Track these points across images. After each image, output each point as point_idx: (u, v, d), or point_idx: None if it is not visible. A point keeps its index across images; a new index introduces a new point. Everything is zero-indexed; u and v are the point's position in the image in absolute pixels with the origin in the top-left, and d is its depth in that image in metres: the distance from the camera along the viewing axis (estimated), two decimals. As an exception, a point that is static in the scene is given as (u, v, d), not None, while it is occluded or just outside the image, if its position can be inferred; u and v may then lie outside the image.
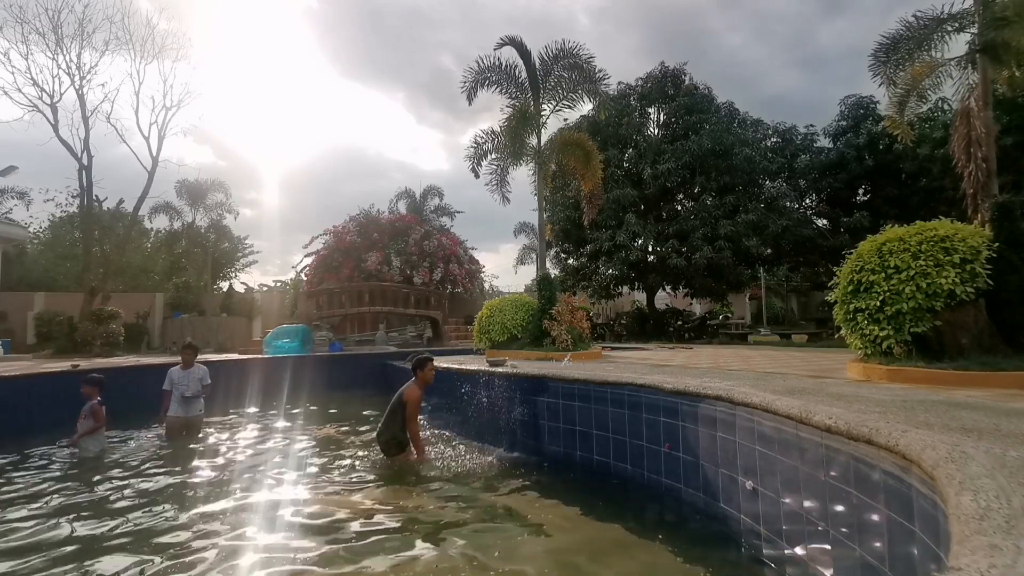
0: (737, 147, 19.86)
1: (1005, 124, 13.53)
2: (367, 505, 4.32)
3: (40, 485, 4.97)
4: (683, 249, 19.52)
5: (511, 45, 11.00)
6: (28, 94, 16.74)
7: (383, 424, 5.61)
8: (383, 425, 5.61)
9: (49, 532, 3.80)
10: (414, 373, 5.77)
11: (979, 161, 8.38)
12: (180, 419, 6.78)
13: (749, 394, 3.42)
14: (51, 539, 3.67)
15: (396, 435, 5.52)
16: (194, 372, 6.95)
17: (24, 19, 16.75)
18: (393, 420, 5.55)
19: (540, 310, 9.15)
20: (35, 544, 3.58)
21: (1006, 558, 1.08)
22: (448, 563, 3.21)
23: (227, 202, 29.14)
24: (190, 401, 6.82)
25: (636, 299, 27.87)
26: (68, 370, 8.59)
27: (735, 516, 3.47)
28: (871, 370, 4.80)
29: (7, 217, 22.55)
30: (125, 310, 18.44)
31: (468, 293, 23.77)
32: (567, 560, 3.25)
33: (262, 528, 3.87)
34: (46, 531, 3.82)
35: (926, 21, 9.59)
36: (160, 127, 18.91)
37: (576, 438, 5.30)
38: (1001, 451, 1.86)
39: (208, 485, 5.00)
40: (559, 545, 3.51)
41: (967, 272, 4.50)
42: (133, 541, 3.64)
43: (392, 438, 5.52)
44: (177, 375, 6.88)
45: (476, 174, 12.13)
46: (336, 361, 14.19)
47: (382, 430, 5.59)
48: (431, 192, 31.08)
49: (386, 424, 5.58)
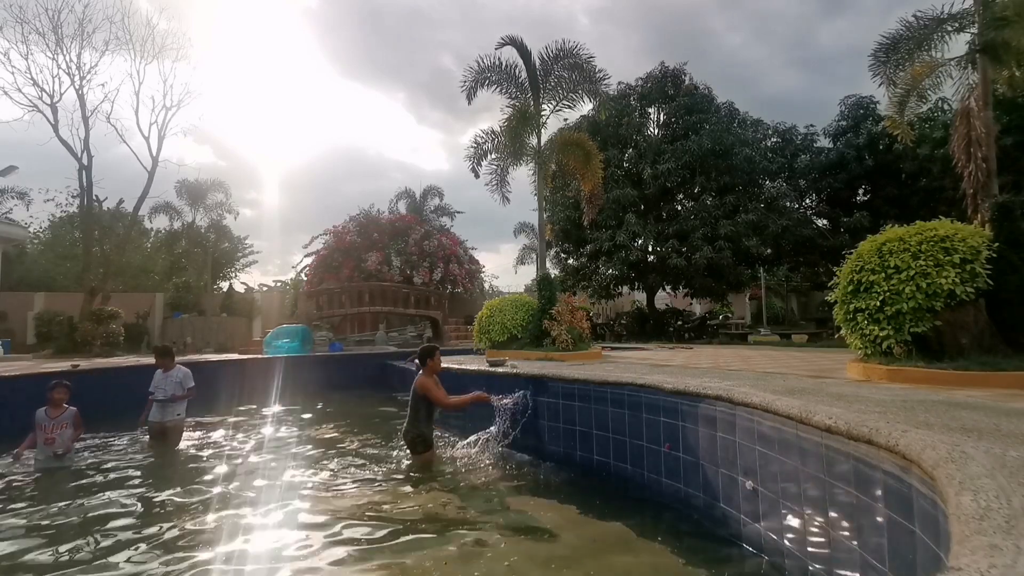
0: (737, 147, 19.86)
1: (1005, 124, 13.52)
2: (365, 505, 4.32)
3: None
4: (683, 249, 19.51)
5: (511, 45, 11.00)
6: (28, 94, 16.74)
7: (407, 423, 5.54)
8: (407, 424, 5.53)
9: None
10: (422, 364, 5.73)
11: (979, 161, 8.38)
12: (156, 424, 6.40)
13: (749, 394, 3.42)
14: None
15: (421, 432, 5.45)
16: (173, 375, 6.53)
17: (24, 19, 16.74)
18: (415, 417, 5.49)
19: (540, 310, 9.15)
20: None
21: (1006, 558, 1.08)
22: (446, 563, 3.21)
23: (227, 202, 29.12)
24: (165, 406, 6.40)
25: (636, 299, 27.87)
26: (68, 370, 8.60)
27: (735, 516, 3.47)
28: (871, 370, 4.80)
29: (7, 217, 22.54)
30: (125, 310, 18.44)
31: (468, 293, 23.77)
32: (566, 560, 3.25)
33: (262, 529, 3.87)
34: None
35: (926, 21, 9.59)
36: (160, 127, 18.91)
37: (576, 438, 5.30)
38: (1001, 451, 1.86)
39: (194, 492, 4.98)
40: (558, 545, 3.50)
41: (967, 272, 4.50)
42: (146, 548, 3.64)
43: (417, 435, 5.45)
44: (158, 378, 6.53)
45: (476, 174, 12.14)
46: (336, 361, 14.19)
47: (407, 428, 5.51)
48: (431, 192, 31.09)
49: (410, 422, 5.51)
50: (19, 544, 3.64)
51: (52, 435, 5.42)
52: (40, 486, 5.05)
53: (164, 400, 6.36)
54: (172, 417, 6.46)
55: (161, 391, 6.38)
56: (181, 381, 6.53)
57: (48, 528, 3.93)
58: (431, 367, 5.70)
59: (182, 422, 6.67)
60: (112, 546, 3.56)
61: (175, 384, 6.47)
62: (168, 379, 6.46)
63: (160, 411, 6.40)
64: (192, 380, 6.64)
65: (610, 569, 3.13)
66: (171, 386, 6.44)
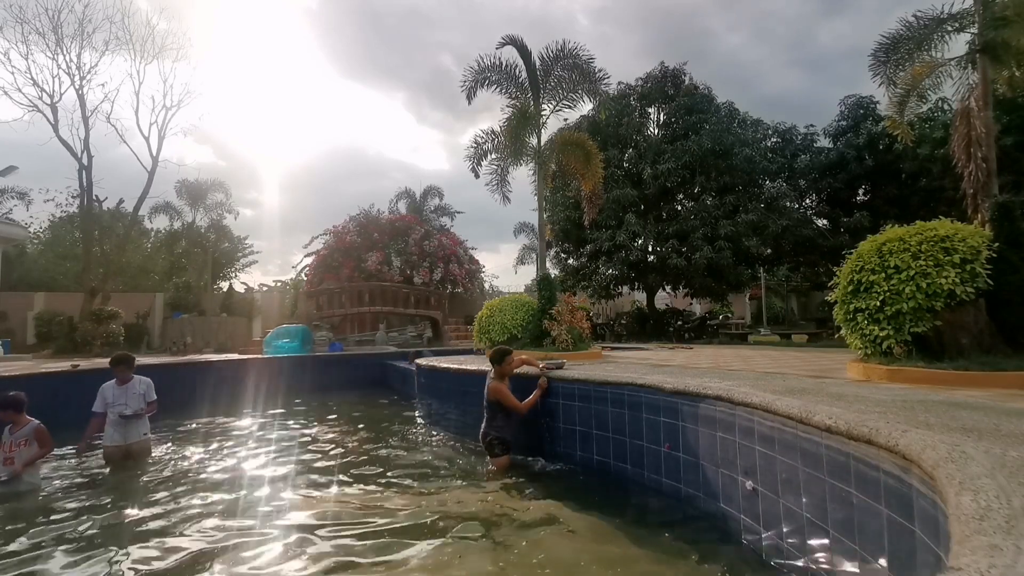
0: (737, 147, 19.87)
1: (1005, 124, 13.52)
2: (364, 505, 4.32)
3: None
4: (683, 249, 19.51)
5: (512, 45, 10.98)
6: (28, 94, 16.81)
7: (485, 424, 5.46)
8: (485, 425, 5.45)
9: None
10: (495, 366, 5.57)
11: (979, 161, 8.38)
12: (119, 448, 5.43)
13: (749, 394, 3.42)
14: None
15: (499, 434, 5.38)
16: (134, 387, 5.58)
17: (24, 19, 16.82)
18: (493, 419, 5.41)
19: (540, 310, 9.14)
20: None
21: (1006, 558, 1.08)
22: (445, 564, 3.21)
23: (227, 202, 29.16)
24: (129, 423, 5.46)
25: (636, 299, 27.86)
26: (68, 370, 8.60)
27: (735, 516, 3.47)
28: (871, 370, 4.80)
29: (7, 217, 22.55)
30: (125, 310, 18.46)
31: (468, 293, 23.79)
32: (566, 560, 3.25)
33: (260, 531, 3.87)
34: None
35: (926, 21, 9.59)
36: (160, 127, 18.97)
37: (576, 438, 5.30)
38: (1001, 451, 1.86)
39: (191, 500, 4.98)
40: (557, 545, 3.50)
41: (967, 272, 4.49)
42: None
43: (496, 438, 5.37)
44: (111, 392, 5.51)
45: (476, 174, 12.12)
46: (336, 361, 14.19)
47: (485, 430, 5.44)
48: (431, 192, 31.14)
49: (488, 423, 5.44)
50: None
51: (11, 453, 4.72)
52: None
53: (130, 416, 5.45)
54: (138, 437, 5.56)
55: (123, 406, 5.44)
56: (145, 393, 5.61)
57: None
58: (500, 371, 5.52)
59: (149, 442, 5.79)
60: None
61: (138, 397, 5.55)
62: (129, 392, 5.53)
63: (123, 431, 5.45)
64: (154, 392, 5.71)
65: (608, 569, 3.13)
66: (135, 399, 5.51)
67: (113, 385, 5.55)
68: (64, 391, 7.63)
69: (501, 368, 5.54)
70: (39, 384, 8.04)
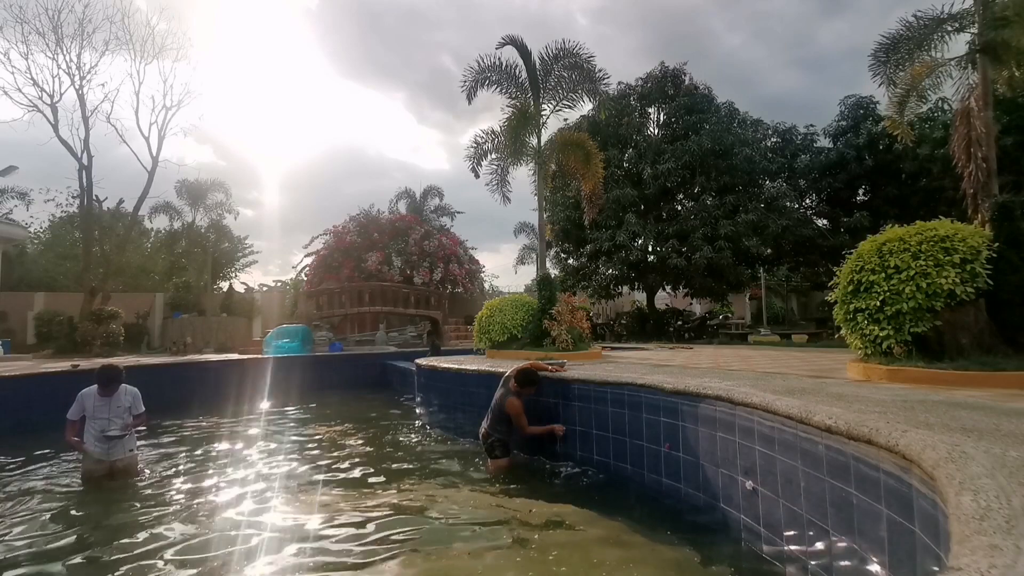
0: (737, 147, 19.86)
1: (1005, 124, 13.52)
2: (363, 506, 4.32)
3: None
4: (683, 249, 19.51)
5: (512, 45, 10.99)
6: (28, 94, 16.79)
7: (488, 426, 5.44)
8: (489, 427, 5.43)
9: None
10: (521, 386, 5.43)
11: (979, 161, 8.37)
12: (102, 464, 4.83)
13: (749, 394, 3.42)
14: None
15: (502, 438, 5.39)
16: (119, 399, 4.92)
17: (24, 19, 16.80)
18: (498, 422, 5.40)
19: (540, 310, 9.14)
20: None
21: (1006, 558, 1.08)
22: (444, 564, 3.21)
23: (227, 202, 29.08)
24: (113, 440, 4.84)
25: (636, 299, 27.84)
26: (68, 370, 8.59)
27: (735, 516, 3.47)
28: (871, 370, 4.79)
29: (7, 217, 22.54)
30: (125, 310, 18.46)
31: (468, 293, 23.79)
32: (566, 560, 3.25)
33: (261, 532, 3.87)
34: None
35: (926, 21, 9.58)
36: (160, 127, 18.95)
37: (576, 438, 5.30)
38: (1001, 451, 1.86)
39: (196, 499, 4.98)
40: (556, 545, 3.50)
41: (967, 272, 4.49)
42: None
43: (498, 440, 5.38)
44: (92, 403, 4.84)
45: (476, 174, 12.12)
46: (336, 361, 14.20)
47: (488, 431, 5.42)
48: (431, 192, 31.13)
49: (491, 426, 5.42)
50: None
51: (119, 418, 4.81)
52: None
53: (115, 435, 4.83)
54: (124, 453, 4.96)
55: (106, 421, 4.81)
56: (131, 406, 4.97)
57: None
58: (525, 391, 5.46)
59: (136, 458, 5.18)
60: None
61: (124, 410, 4.92)
62: (113, 405, 4.87)
63: (106, 447, 4.83)
64: (142, 404, 5.06)
65: (607, 569, 3.13)
66: (121, 413, 4.90)
67: (95, 394, 4.86)
68: (64, 391, 7.59)
69: (524, 390, 5.46)
70: (39, 384, 8.05)
